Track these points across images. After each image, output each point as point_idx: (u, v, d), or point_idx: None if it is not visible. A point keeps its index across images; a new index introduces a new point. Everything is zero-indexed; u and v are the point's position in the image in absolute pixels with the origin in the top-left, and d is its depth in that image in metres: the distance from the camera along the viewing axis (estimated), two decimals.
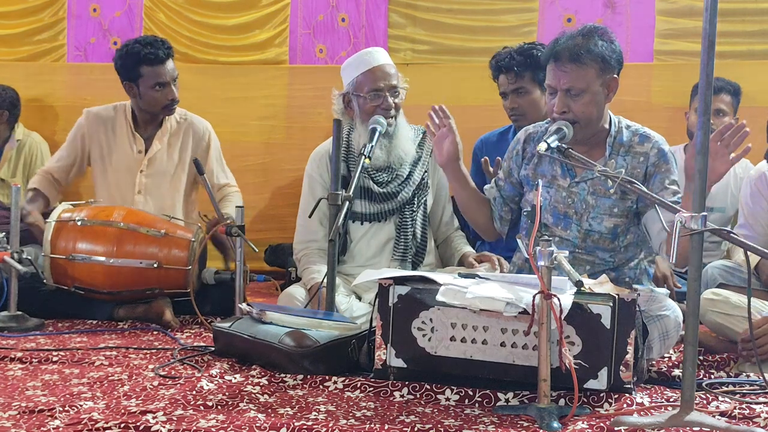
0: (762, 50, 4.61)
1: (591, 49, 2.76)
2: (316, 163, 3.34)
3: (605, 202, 2.86)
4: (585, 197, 2.88)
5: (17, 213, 3.29)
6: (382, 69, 3.23)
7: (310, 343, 2.55)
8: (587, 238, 2.87)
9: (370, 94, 3.20)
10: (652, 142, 2.87)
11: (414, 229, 3.28)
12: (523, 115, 3.65)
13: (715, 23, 2.08)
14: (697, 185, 2.13)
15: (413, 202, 3.29)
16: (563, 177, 2.90)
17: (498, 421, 2.18)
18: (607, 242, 2.88)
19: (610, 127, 2.89)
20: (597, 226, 2.87)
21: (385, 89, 3.20)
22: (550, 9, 4.76)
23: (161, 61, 3.75)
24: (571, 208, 2.89)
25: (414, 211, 3.29)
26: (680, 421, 2.09)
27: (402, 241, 3.26)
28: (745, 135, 2.54)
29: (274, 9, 4.98)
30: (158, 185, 3.86)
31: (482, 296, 2.33)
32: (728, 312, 2.95)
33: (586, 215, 2.87)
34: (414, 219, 3.28)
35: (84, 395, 2.32)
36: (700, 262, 2.13)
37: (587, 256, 2.87)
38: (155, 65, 3.74)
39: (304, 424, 2.07)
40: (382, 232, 3.28)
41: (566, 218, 2.89)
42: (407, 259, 3.25)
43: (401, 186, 3.27)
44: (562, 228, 2.88)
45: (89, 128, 3.91)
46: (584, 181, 2.88)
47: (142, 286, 3.40)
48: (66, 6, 5.06)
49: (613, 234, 2.87)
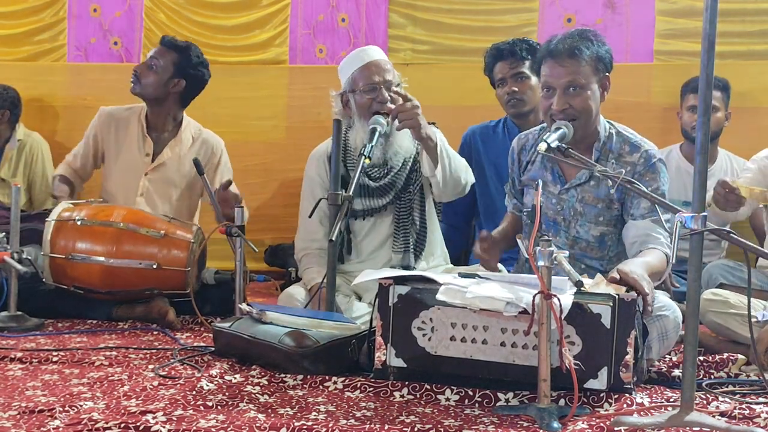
0: (762, 50, 4.61)
1: (588, 46, 2.79)
2: (315, 164, 3.35)
3: (592, 211, 2.86)
4: (573, 204, 2.88)
5: (17, 213, 3.29)
6: (376, 64, 3.23)
7: (310, 343, 2.55)
8: (575, 245, 2.88)
9: (366, 88, 3.20)
10: (641, 152, 2.84)
11: (413, 217, 3.26)
12: (521, 100, 3.69)
13: (715, 23, 2.08)
14: (697, 185, 2.13)
15: (408, 190, 3.27)
16: (553, 183, 2.91)
17: (498, 421, 2.18)
18: (594, 250, 2.89)
19: (600, 131, 2.88)
20: (584, 234, 2.88)
21: (380, 83, 3.19)
22: (550, 9, 4.76)
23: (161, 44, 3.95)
24: (560, 215, 2.89)
25: (411, 198, 3.27)
26: (680, 421, 2.09)
27: (402, 232, 3.24)
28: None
29: (274, 9, 4.98)
30: (162, 191, 3.87)
31: (482, 296, 2.33)
32: (727, 311, 2.95)
33: (574, 222, 2.88)
34: (411, 207, 3.27)
35: (84, 395, 2.32)
36: (700, 262, 2.13)
37: (576, 263, 2.87)
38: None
39: (304, 424, 2.07)
40: (383, 225, 3.27)
41: (555, 225, 2.90)
42: (409, 249, 3.23)
43: (396, 176, 3.25)
44: (551, 234, 2.88)
45: (101, 127, 3.96)
46: (573, 188, 2.88)
47: (140, 286, 3.40)
48: (66, 6, 5.06)
49: (601, 242, 2.88)
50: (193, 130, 3.98)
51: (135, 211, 3.59)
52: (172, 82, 3.85)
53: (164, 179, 3.89)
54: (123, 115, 3.95)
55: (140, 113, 3.94)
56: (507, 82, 3.73)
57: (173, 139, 3.92)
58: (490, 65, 3.82)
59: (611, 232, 2.88)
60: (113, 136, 3.93)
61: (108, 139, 3.94)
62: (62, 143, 4.86)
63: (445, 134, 3.36)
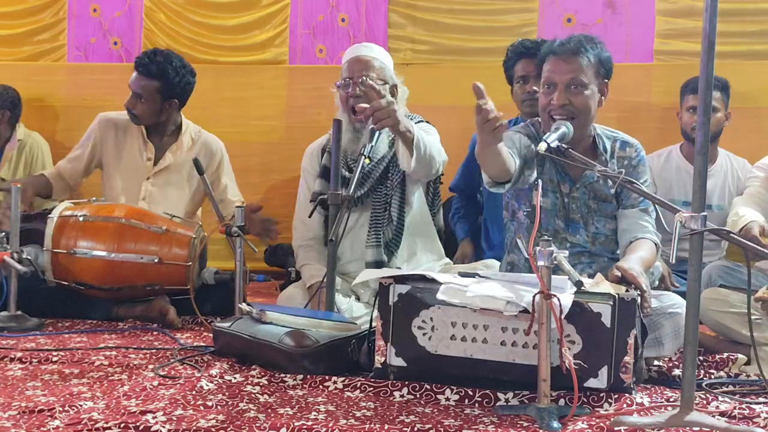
0: (762, 50, 4.61)
1: (593, 48, 2.82)
2: (309, 157, 3.42)
3: (607, 207, 2.91)
4: (586, 201, 2.90)
5: (17, 213, 3.29)
6: (358, 59, 3.24)
7: (310, 343, 2.55)
8: (596, 241, 2.91)
9: (342, 83, 3.23)
10: (633, 146, 2.93)
11: (389, 212, 3.24)
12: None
13: (715, 23, 2.08)
14: (697, 185, 2.13)
15: (386, 183, 3.24)
16: (563, 183, 2.92)
17: (498, 421, 2.18)
18: (613, 243, 2.92)
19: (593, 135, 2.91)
20: (602, 229, 2.92)
21: (355, 79, 3.18)
22: (550, 9, 4.76)
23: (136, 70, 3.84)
24: (576, 213, 2.91)
25: (387, 194, 3.24)
26: (680, 421, 2.09)
27: (374, 225, 3.21)
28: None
29: (274, 9, 4.98)
30: (164, 196, 3.87)
31: (483, 295, 2.33)
32: (727, 310, 2.95)
33: (591, 219, 2.91)
34: (389, 201, 3.24)
35: (84, 395, 2.32)
36: (700, 262, 2.13)
37: (598, 258, 2.91)
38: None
39: (304, 424, 2.06)
40: (363, 221, 3.26)
41: (574, 223, 2.92)
42: (380, 244, 3.19)
43: (374, 166, 3.22)
44: (570, 233, 2.89)
45: (100, 133, 3.96)
46: (584, 186, 2.89)
47: (142, 281, 3.40)
48: (66, 6, 5.06)
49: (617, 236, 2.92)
50: (193, 132, 3.99)
51: (137, 208, 3.60)
52: (165, 105, 3.85)
53: (166, 183, 3.89)
54: (122, 122, 3.95)
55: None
56: (529, 80, 3.70)
57: (174, 143, 3.93)
58: (512, 61, 3.79)
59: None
60: (113, 142, 3.93)
61: (108, 145, 3.94)
62: (62, 143, 4.87)
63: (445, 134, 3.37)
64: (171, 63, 3.83)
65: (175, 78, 3.82)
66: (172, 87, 3.83)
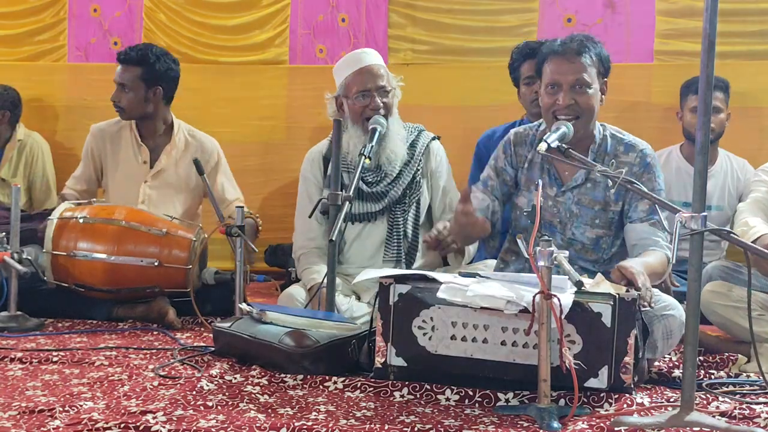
0: (762, 50, 4.60)
1: (594, 47, 2.83)
2: (309, 164, 3.38)
3: (588, 213, 2.86)
4: (570, 206, 2.87)
5: (17, 213, 3.29)
6: (370, 70, 3.23)
7: (310, 343, 2.55)
8: (570, 247, 2.86)
9: (358, 95, 3.21)
10: (637, 152, 2.86)
11: (405, 229, 3.26)
12: None
13: (715, 23, 2.08)
14: (697, 185, 2.13)
15: (404, 202, 3.27)
16: (550, 186, 2.90)
17: (498, 421, 2.18)
18: (589, 252, 2.88)
19: (596, 134, 2.89)
20: (580, 236, 2.87)
21: (372, 90, 3.20)
22: (550, 9, 4.75)
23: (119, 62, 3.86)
24: (556, 217, 2.89)
25: (405, 210, 3.27)
26: (680, 421, 2.09)
27: (394, 241, 3.24)
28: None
29: (274, 9, 4.98)
30: (163, 198, 3.87)
31: (483, 294, 2.33)
32: (731, 304, 2.95)
33: (570, 224, 2.87)
34: (405, 219, 3.27)
35: (84, 395, 2.32)
36: (700, 262, 2.13)
37: (571, 265, 2.86)
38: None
39: (304, 424, 2.07)
40: (375, 233, 3.27)
41: (551, 226, 2.89)
42: (400, 258, 3.23)
43: (390, 185, 3.25)
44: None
45: (96, 144, 3.97)
46: (570, 190, 2.88)
47: (142, 284, 3.40)
48: (66, 6, 5.05)
49: (596, 245, 2.87)
50: (186, 131, 3.97)
51: (137, 210, 3.60)
52: (150, 93, 3.85)
53: (164, 185, 3.89)
54: (114, 129, 3.96)
55: (131, 124, 3.94)
56: (536, 81, 3.70)
57: (168, 144, 3.92)
58: (519, 62, 3.77)
59: (606, 234, 2.87)
60: (109, 150, 3.94)
61: (104, 154, 3.95)
62: (62, 143, 4.87)
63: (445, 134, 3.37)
64: (151, 50, 3.89)
65: (156, 63, 3.84)
66: (154, 72, 3.84)
